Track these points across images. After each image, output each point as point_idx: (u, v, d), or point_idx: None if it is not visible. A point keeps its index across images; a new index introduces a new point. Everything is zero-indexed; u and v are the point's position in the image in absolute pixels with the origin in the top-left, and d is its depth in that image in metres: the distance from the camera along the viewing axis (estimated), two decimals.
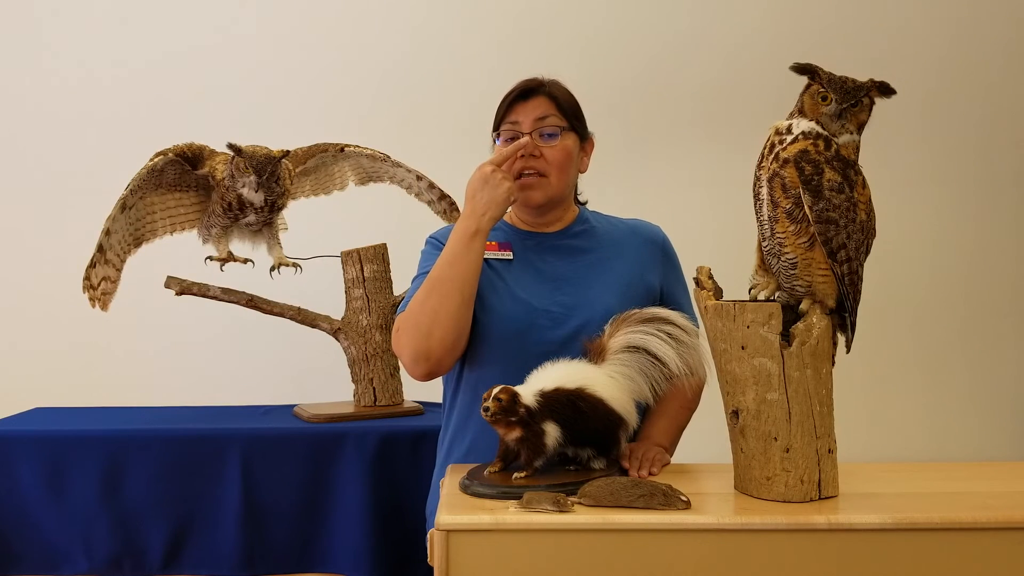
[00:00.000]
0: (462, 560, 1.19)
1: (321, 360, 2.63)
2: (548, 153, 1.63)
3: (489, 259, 1.66)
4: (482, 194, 1.55)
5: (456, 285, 1.53)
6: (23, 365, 3.05)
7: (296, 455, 2.04)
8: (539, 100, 1.64)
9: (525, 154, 1.61)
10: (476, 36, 3.19)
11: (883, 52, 3.20)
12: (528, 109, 1.63)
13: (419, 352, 1.55)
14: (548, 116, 1.63)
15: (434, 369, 1.58)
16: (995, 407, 3.32)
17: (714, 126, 3.23)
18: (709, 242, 2.39)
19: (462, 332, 1.56)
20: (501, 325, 1.60)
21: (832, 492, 1.30)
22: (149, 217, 2.20)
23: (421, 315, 1.54)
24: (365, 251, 2.30)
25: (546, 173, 1.63)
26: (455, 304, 1.53)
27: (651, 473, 1.46)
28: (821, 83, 1.27)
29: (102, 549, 2.00)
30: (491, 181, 1.55)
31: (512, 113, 1.64)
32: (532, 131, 1.62)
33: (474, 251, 1.54)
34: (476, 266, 1.55)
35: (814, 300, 1.30)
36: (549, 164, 1.63)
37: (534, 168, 1.63)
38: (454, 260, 1.54)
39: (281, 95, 3.12)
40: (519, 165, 1.62)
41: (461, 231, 1.55)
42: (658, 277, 1.70)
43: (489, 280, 1.64)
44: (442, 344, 1.54)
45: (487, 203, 1.55)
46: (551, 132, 1.63)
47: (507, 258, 1.68)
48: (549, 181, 1.64)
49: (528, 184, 1.63)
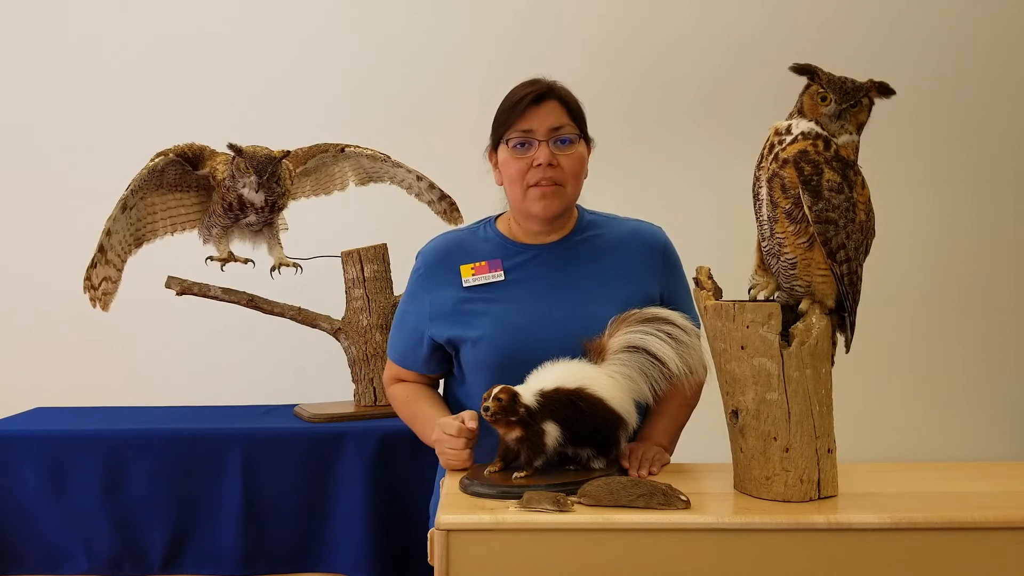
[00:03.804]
0: (462, 560, 1.19)
1: (321, 360, 2.63)
2: (564, 162, 1.57)
3: (479, 284, 1.63)
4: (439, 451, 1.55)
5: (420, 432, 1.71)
6: (23, 365, 3.05)
7: (296, 455, 2.04)
8: (552, 105, 1.58)
9: (544, 164, 1.56)
10: (477, 36, 3.19)
11: (882, 52, 3.20)
12: (542, 116, 1.57)
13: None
14: (563, 125, 1.58)
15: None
16: (994, 407, 3.32)
17: (714, 126, 3.23)
18: (709, 242, 2.38)
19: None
20: (495, 353, 1.58)
21: (831, 492, 1.30)
22: (150, 217, 2.20)
23: (400, 412, 1.79)
24: (365, 251, 2.30)
25: (563, 183, 1.58)
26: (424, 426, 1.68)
27: (651, 473, 1.46)
28: (820, 83, 1.27)
29: (102, 549, 2.00)
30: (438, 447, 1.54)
31: (524, 120, 1.57)
32: (548, 139, 1.56)
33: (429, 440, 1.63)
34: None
35: (813, 300, 1.30)
36: (566, 174, 1.58)
37: (552, 178, 1.57)
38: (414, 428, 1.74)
39: (282, 95, 3.12)
40: (535, 176, 1.57)
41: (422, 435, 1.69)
42: (658, 286, 1.66)
43: (482, 307, 1.61)
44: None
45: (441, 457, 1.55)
46: (567, 140, 1.58)
47: (498, 279, 1.63)
48: (565, 191, 1.59)
49: (547, 194, 1.57)
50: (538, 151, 1.56)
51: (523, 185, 1.58)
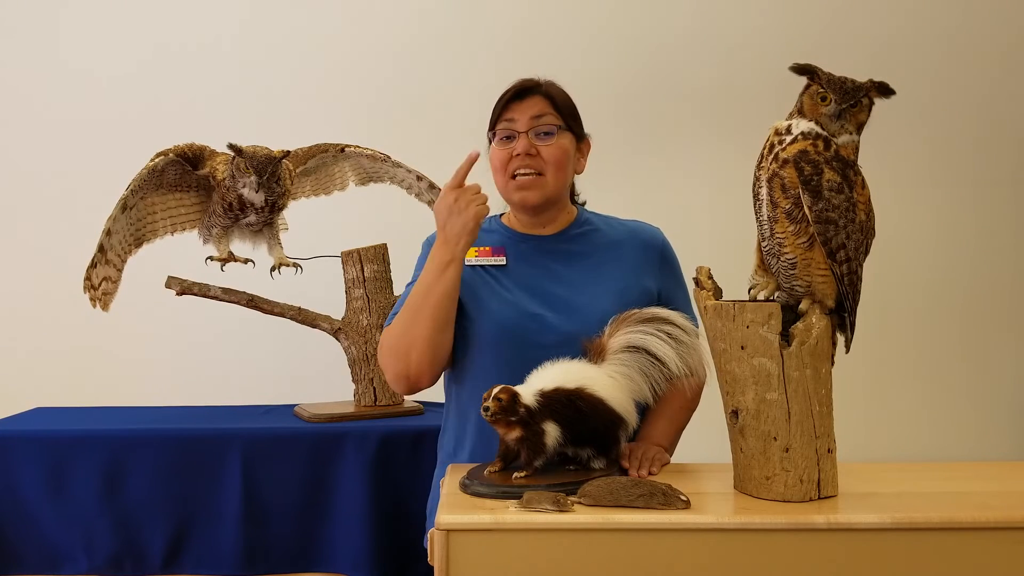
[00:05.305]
0: (462, 560, 1.19)
1: (321, 360, 2.63)
2: (545, 152, 1.62)
3: (483, 265, 1.66)
4: (451, 223, 1.54)
5: (430, 313, 1.56)
6: (23, 365, 3.05)
7: (296, 455, 2.04)
8: (535, 99, 1.63)
9: (522, 153, 1.61)
10: (477, 36, 3.19)
11: (883, 52, 3.20)
12: (524, 108, 1.62)
13: (399, 373, 1.61)
14: (544, 115, 1.62)
15: (414, 387, 1.63)
16: (995, 407, 3.32)
17: (714, 126, 3.24)
18: (709, 242, 2.39)
19: (439, 354, 1.60)
20: (495, 328, 1.60)
21: (831, 492, 1.30)
22: (150, 217, 2.20)
23: (399, 339, 1.59)
24: (365, 251, 2.30)
25: (543, 172, 1.62)
26: (430, 330, 1.56)
27: (651, 473, 1.46)
28: (820, 83, 1.27)
29: (102, 549, 2.00)
30: (456, 208, 1.54)
31: (508, 112, 1.63)
32: (528, 130, 1.62)
33: (448, 279, 1.55)
34: (452, 293, 1.57)
35: (813, 300, 1.30)
36: (546, 163, 1.62)
37: (531, 167, 1.62)
38: (428, 289, 1.56)
39: (282, 95, 3.12)
40: (515, 165, 1.62)
41: (436, 261, 1.56)
42: (656, 282, 1.69)
43: (484, 283, 1.64)
44: (419, 367, 1.58)
45: (458, 232, 1.54)
46: (547, 131, 1.62)
47: (500, 263, 1.67)
48: (546, 180, 1.63)
49: (525, 184, 1.62)
50: (518, 141, 1.62)
51: (506, 175, 1.63)
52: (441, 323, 1.57)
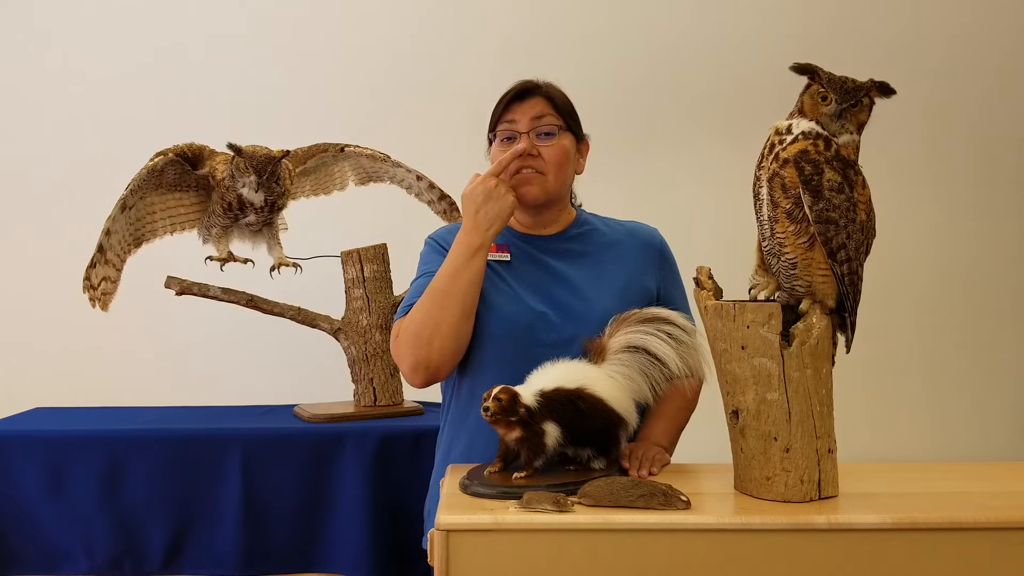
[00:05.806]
0: (462, 560, 1.19)
1: (321, 360, 2.63)
2: (545, 152, 1.63)
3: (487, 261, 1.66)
4: (486, 208, 1.55)
5: (458, 298, 1.54)
6: (23, 365, 3.05)
7: (296, 455, 2.04)
8: (535, 100, 1.64)
9: (523, 154, 1.62)
10: (477, 36, 3.19)
11: (883, 52, 3.20)
12: (525, 109, 1.63)
13: (419, 361, 1.57)
14: (545, 116, 1.63)
15: (433, 377, 1.60)
16: (995, 407, 3.32)
17: (714, 126, 3.24)
18: (709, 242, 2.39)
19: (462, 342, 1.58)
20: (500, 323, 1.60)
21: (832, 492, 1.30)
22: (149, 217, 2.20)
23: (422, 325, 1.55)
24: (365, 251, 2.30)
25: (544, 171, 1.63)
26: (456, 316, 1.54)
27: (651, 473, 1.46)
28: (821, 83, 1.27)
29: (102, 549, 2.00)
30: (495, 195, 1.56)
31: (509, 113, 1.64)
32: (529, 130, 1.62)
33: (476, 265, 1.55)
34: (478, 279, 1.56)
35: (814, 300, 1.30)
36: (547, 163, 1.63)
37: (532, 167, 1.63)
38: (456, 273, 1.55)
39: (281, 95, 3.12)
40: (516, 165, 1.62)
41: (465, 245, 1.55)
42: (655, 280, 1.70)
43: (489, 280, 1.64)
44: (442, 354, 1.56)
45: (492, 218, 1.55)
46: (548, 131, 1.63)
47: (504, 259, 1.68)
48: (546, 179, 1.64)
49: (525, 180, 1.63)
50: (519, 142, 1.62)
51: (506, 175, 1.63)
52: (468, 309, 1.55)
